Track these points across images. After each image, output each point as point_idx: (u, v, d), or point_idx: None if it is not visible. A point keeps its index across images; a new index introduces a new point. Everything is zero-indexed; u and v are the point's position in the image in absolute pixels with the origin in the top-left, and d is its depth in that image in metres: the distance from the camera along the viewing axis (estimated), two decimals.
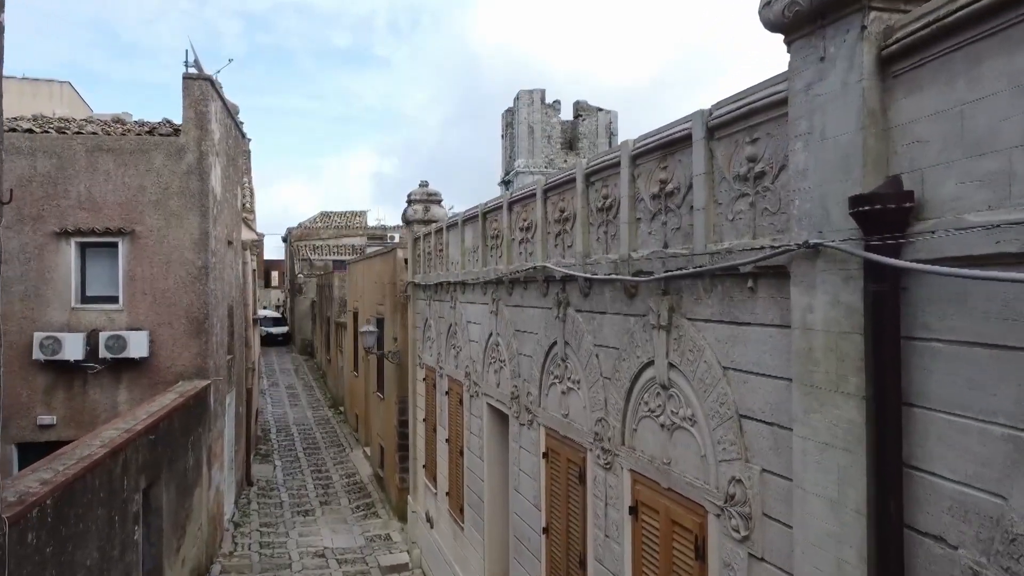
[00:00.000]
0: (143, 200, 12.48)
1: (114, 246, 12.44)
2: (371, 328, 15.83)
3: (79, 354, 11.98)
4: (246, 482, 18.19)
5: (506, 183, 49.51)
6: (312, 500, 17.49)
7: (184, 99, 12.72)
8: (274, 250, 62.61)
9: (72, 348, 11.94)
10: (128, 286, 12.43)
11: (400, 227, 22.28)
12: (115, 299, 12.44)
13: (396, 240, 35.08)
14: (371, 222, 53.31)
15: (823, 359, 3.40)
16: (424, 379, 13.20)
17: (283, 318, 51.21)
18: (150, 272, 12.49)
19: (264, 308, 52.86)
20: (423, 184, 14.16)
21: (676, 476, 4.83)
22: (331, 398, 30.39)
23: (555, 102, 49.47)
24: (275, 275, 64.07)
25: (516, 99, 49.17)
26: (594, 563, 6.09)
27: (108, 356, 12.05)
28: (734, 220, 4.25)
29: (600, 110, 49.62)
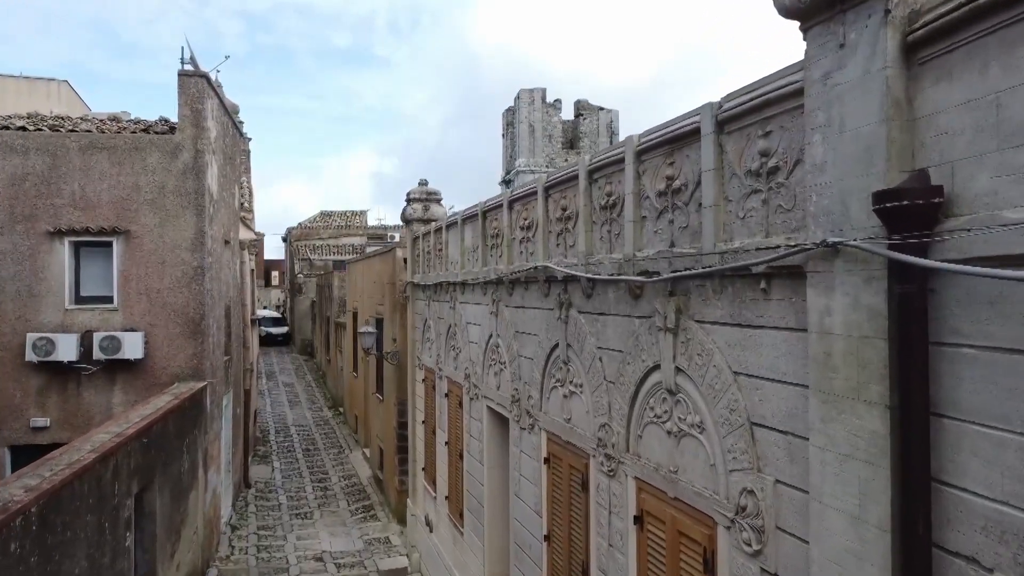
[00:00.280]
0: (138, 199, 12.29)
1: (108, 246, 12.26)
2: (370, 329, 15.64)
3: (73, 355, 11.82)
4: (244, 484, 17.99)
5: (507, 182, 49.33)
6: (311, 502, 17.29)
7: (180, 96, 12.52)
8: (274, 250, 62.53)
9: (66, 349, 11.77)
10: (123, 286, 12.25)
11: (400, 227, 22.09)
12: (109, 299, 12.26)
13: (396, 239, 34.89)
14: (371, 222, 53.11)
15: (843, 365, 3.20)
16: (423, 381, 13.00)
17: (283, 318, 50.95)
18: (145, 272, 12.30)
19: (264, 308, 52.69)
20: (422, 183, 13.96)
21: (683, 485, 4.63)
22: (330, 399, 30.19)
23: (556, 101, 49.29)
24: (275, 275, 63.94)
25: (517, 98, 48.98)
26: (597, 573, 5.89)
27: (102, 357, 11.87)
28: (745, 218, 4.05)
29: (601, 109, 49.45)
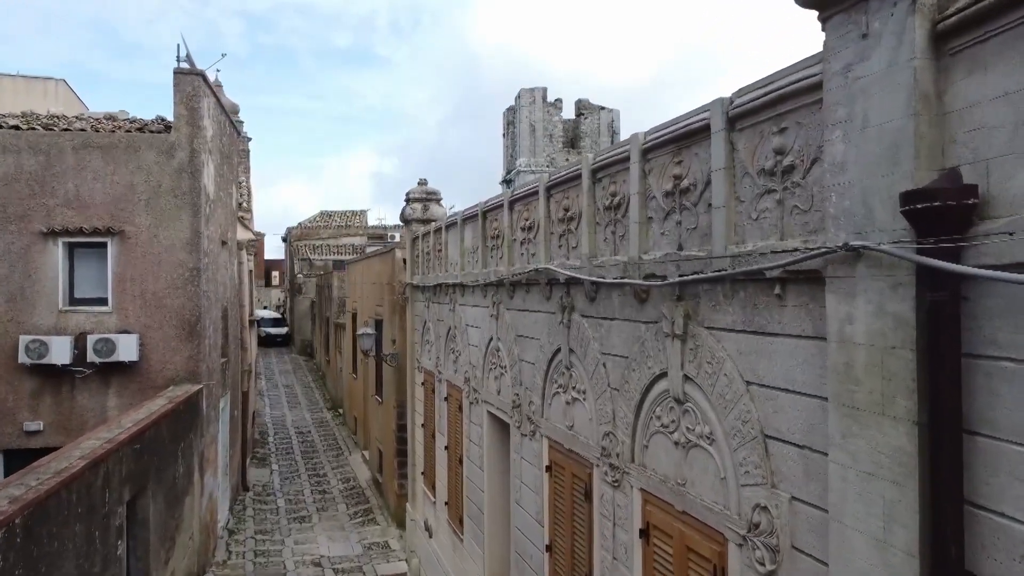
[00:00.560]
0: (133, 199, 12.09)
1: (103, 246, 12.05)
2: (369, 331, 15.44)
3: (67, 358, 11.61)
4: (242, 487, 17.79)
5: (507, 182, 49.12)
6: (309, 506, 17.10)
7: (175, 95, 12.31)
8: (275, 250, 62.35)
9: (59, 352, 11.57)
10: (117, 288, 12.04)
11: (400, 226, 21.88)
12: (104, 301, 12.05)
13: (396, 239, 34.69)
14: (371, 221, 52.91)
15: (865, 377, 3.00)
16: (423, 383, 12.80)
17: (283, 318, 50.71)
18: (140, 273, 12.10)
19: (264, 308, 52.51)
20: (422, 182, 13.76)
21: (692, 499, 4.43)
22: (330, 400, 29.99)
23: (557, 100, 49.06)
24: (275, 275, 63.76)
25: (517, 98, 48.76)
26: None
27: (97, 360, 11.67)
28: (758, 219, 3.85)
29: (602, 108, 49.22)
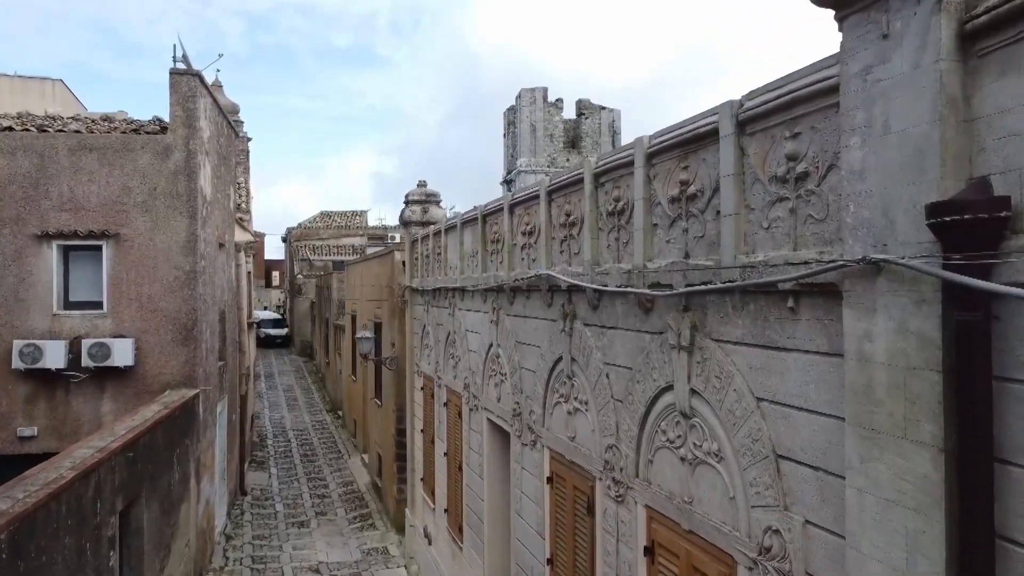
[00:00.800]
0: (128, 201, 11.92)
1: (98, 249, 11.89)
2: (367, 334, 15.28)
3: (61, 362, 11.45)
4: (239, 491, 17.63)
5: (508, 182, 48.93)
6: (308, 510, 16.93)
7: (171, 96, 12.15)
8: (275, 250, 62.19)
9: (54, 356, 11.41)
10: (112, 291, 11.88)
11: (401, 227, 21.70)
12: (99, 305, 11.89)
13: (396, 240, 34.50)
14: (372, 222, 52.72)
15: (886, 398, 2.83)
16: (422, 388, 12.63)
17: (283, 319, 50.51)
18: (136, 277, 11.93)
19: (265, 308, 52.37)
20: (421, 184, 13.59)
21: (699, 518, 4.25)
22: (329, 402, 29.82)
23: (557, 100, 48.86)
24: (276, 275, 63.60)
25: (518, 97, 48.56)
26: None
27: (91, 364, 11.50)
28: (770, 228, 3.68)
29: (603, 108, 49.00)
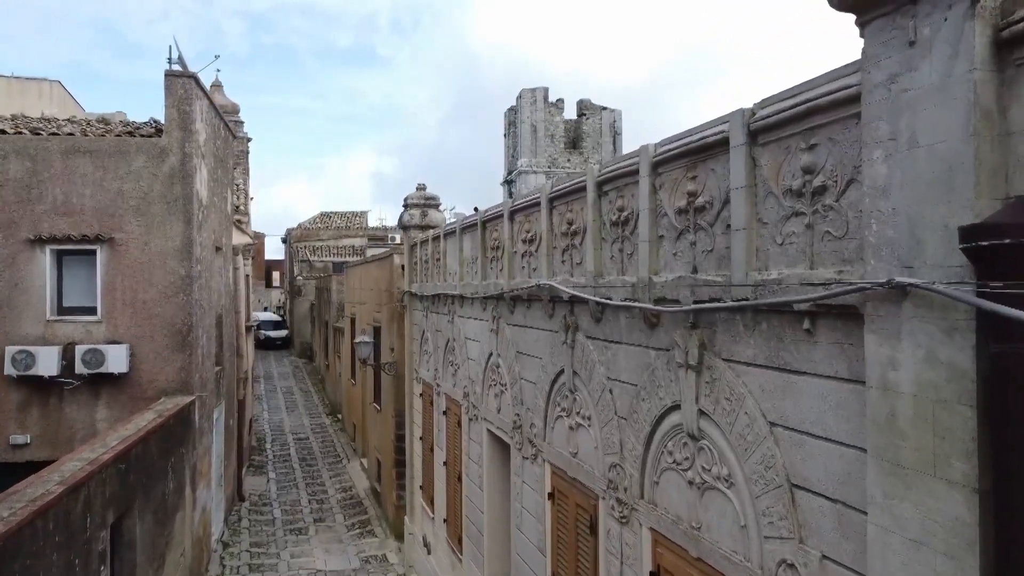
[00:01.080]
0: (123, 205, 11.74)
1: (92, 254, 11.71)
2: (367, 339, 15.09)
3: (54, 369, 11.27)
4: (237, 497, 17.45)
5: (508, 182, 48.73)
6: (306, 517, 16.74)
7: (167, 98, 11.96)
8: (276, 250, 61.95)
9: (47, 363, 11.23)
10: (107, 297, 11.70)
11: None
12: (93, 310, 11.71)
13: (397, 240, 34.31)
14: (372, 222, 52.48)
15: (913, 431, 2.64)
16: (421, 395, 12.44)
17: (283, 321, 50.27)
18: (130, 282, 11.75)
19: (265, 309, 52.16)
20: (420, 187, 13.40)
21: (708, 545, 4.06)
22: (329, 405, 29.62)
23: (558, 101, 48.64)
24: (276, 275, 63.40)
25: (519, 98, 48.35)
26: None
27: (85, 371, 11.32)
28: (784, 244, 3.49)
29: (604, 109, 48.79)
